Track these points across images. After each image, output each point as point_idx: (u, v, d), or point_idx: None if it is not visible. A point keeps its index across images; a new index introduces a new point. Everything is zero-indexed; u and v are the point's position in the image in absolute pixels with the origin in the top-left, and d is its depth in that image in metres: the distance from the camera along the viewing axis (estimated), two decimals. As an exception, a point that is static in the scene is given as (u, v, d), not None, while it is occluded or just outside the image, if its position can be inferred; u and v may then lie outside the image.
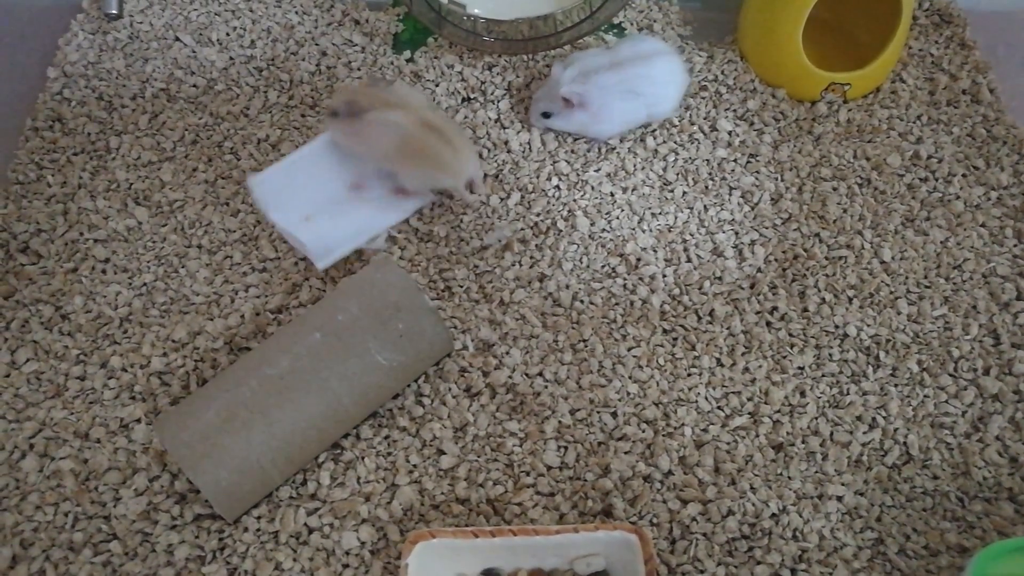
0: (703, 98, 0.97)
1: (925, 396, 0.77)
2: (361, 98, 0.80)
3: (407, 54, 1.00)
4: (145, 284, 0.83)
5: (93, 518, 0.69)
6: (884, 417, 0.76)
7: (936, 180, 0.92)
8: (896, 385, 0.78)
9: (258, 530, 0.69)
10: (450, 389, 0.76)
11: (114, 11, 0.92)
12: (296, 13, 1.04)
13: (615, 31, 1.02)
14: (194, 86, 0.98)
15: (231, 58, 1.00)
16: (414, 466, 0.72)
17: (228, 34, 1.02)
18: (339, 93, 0.83)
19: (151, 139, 0.93)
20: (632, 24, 1.04)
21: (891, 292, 0.84)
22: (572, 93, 0.86)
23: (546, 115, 0.89)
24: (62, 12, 1.04)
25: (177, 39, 1.01)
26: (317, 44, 1.01)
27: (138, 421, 0.74)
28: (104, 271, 0.84)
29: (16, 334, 0.79)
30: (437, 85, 0.97)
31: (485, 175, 0.90)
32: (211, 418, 0.67)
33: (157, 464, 0.72)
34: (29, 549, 0.68)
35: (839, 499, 0.72)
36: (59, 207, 0.87)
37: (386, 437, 0.74)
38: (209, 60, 1.00)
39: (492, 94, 0.96)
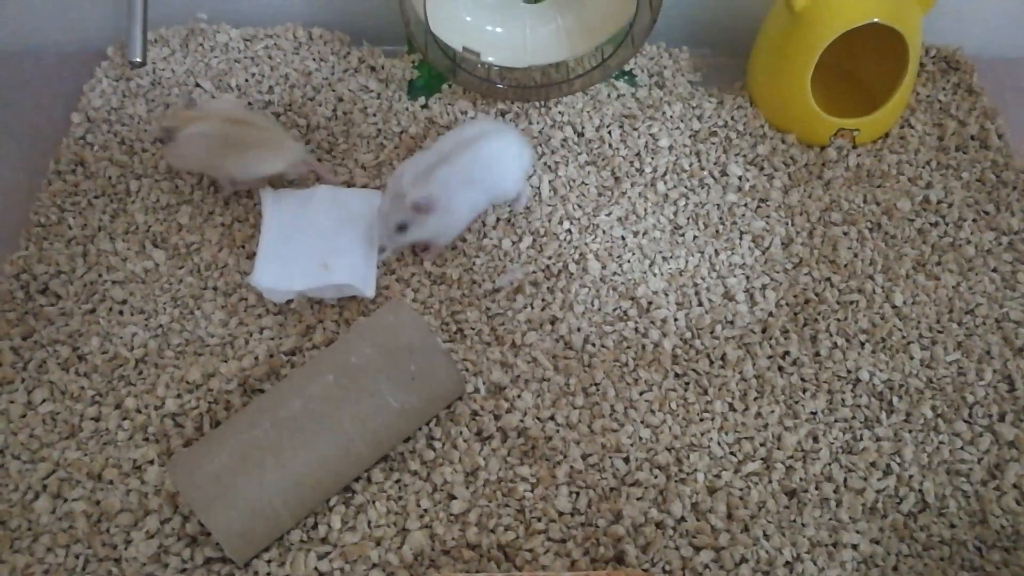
0: (713, 143, 0.98)
1: (940, 442, 0.77)
2: (172, 122, 0.88)
3: (422, 100, 1.02)
4: (161, 325, 0.84)
5: (104, 560, 0.70)
6: (899, 463, 0.75)
7: (947, 225, 0.92)
8: (910, 431, 0.77)
9: (268, 574, 0.69)
10: (461, 432, 0.76)
11: (138, 59, 0.94)
12: (313, 60, 1.06)
13: (626, 78, 1.04)
14: (213, 131, 1.00)
15: (249, 103, 1.02)
16: (425, 510, 0.72)
17: (247, 80, 1.05)
18: (156, 123, 0.91)
19: (169, 183, 0.95)
20: (643, 71, 1.06)
21: (903, 337, 0.83)
22: (422, 198, 0.81)
23: (402, 227, 0.82)
24: (87, 59, 1.07)
25: (197, 85, 1.04)
26: (334, 90, 1.03)
27: (151, 462, 0.75)
28: (121, 312, 0.85)
29: (34, 374, 0.80)
30: (450, 130, 0.99)
31: (498, 219, 0.91)
32: (224, 460, 0.68)
33: (169, 506, 0.72)
34: (40, 591, 0.68)
35: (854, 547, 0.71)
36: (79, 249, 0.89)
37: (397, 481, 0.74)
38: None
39: (505, 139, 0.98)
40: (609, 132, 0.98)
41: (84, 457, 0.75)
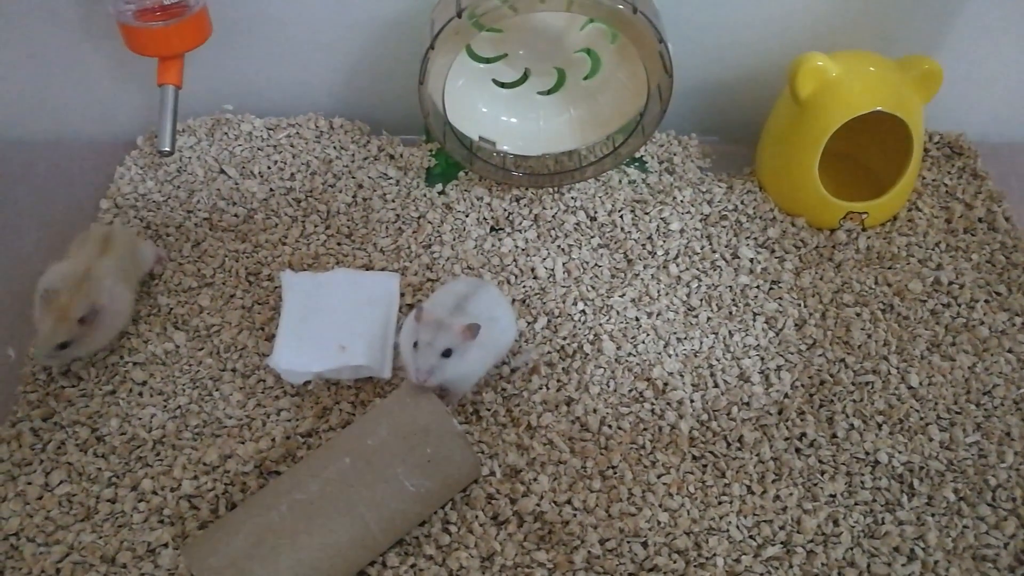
0: (723, 227, 1.00)
1: (964, 526, 0.75)
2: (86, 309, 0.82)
3: (439, 187, 1.05)
4: (179, 407, 0.85)
5: (115, 648, 0.68)
6: (923, 548, 0.74)
7: (959, 306, 0.93)
8: (933, 514, 0.76)
9: (280, 663, 0.67)
10: (477, 516, 0.76)
11: (167, 148, 0.98)
12: (334, 148, 1.10)
13: (637, 164, 1.07)
14: (235, 215, 1.03)
15: (271, 189, 1.06)
16: (440, 596, 0.71)
17: (269, 167, 1.08)
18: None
19: (193, 266, 0.97)
20: (653, 157, 1.09)
21: (921, 418, 0.83)
22: (470, 323, 0.75)
23: (447, 354, 0.75)
24: (117, 148, 1.11)
25: (222, 171, 1.07)
26: (354, 177, 1.06)
27: (165, 545, 0.74)
28: (141, 393, 0.86)
29: (52, 455, 0.81)
30: (467, 216, 1.01)
31: (513, 299, 0.92)
32: (240, 543, 0.67)
33: (182, 591, 0.71)
34: None
35: (881, 637, 0.69)
36: (102, 331, 0.91)
37: (412, 566, 0.73)
38: (251, 191, 1.05)
39: (519, 224, 1.00)
40: (621, 216, 1.01)
41: (99, 540, 0.75)
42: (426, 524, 0.75)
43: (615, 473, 0.79)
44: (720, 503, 0.77)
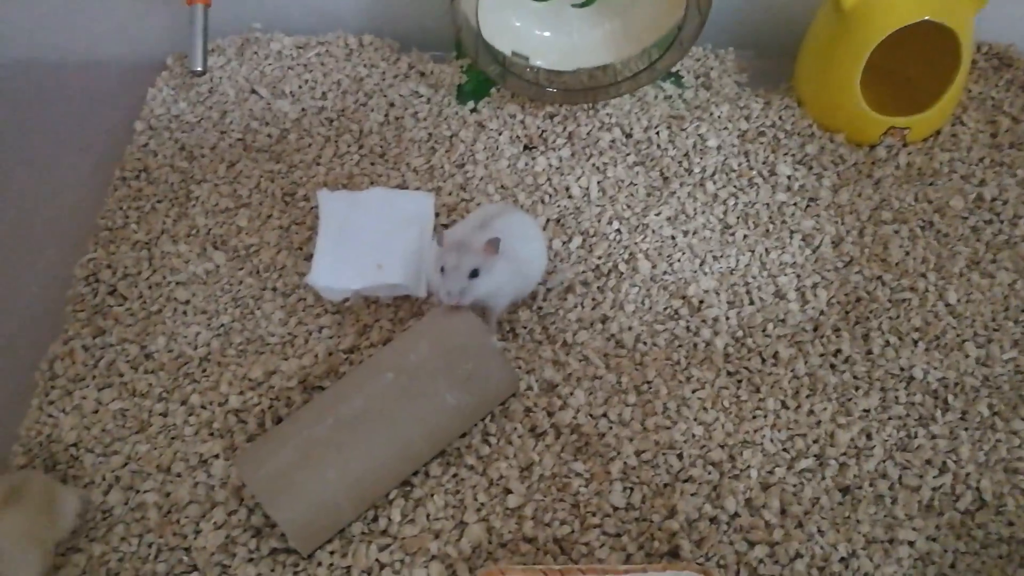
0: (761, 143, 0.98)
1: (997, 440, 0.76)
2: None
3: (471, 104, 1.04)
4: (223, 325, 0.87)
5: (175, 550, 0.72)
6: (955, 461, 0.75)
7: (1001, 222, 0.91)
8: (967, 429, 0.77)
9: (331, 564, 0.71)
10: (515, 429, 0.78)
11: (199, 68, 0.97)
12: (364, 66, 1.09)
13: (672, 80, 1.05)
14: (268, 136, 1.03)
15: (303, 109, 1.05)
16: (482, 504, 0.73)
17: (300, 86, 1.07)
18: None
19: (228, 187, 0.98)
20: (689, 72, 1.07)
21: (958, 335, 0.83)
22: (491, 238, 0.76)
23: (475, 273, 0.75)
24: (148, 70, 1.11)
25: (253, 91, 1.07)
26: (385, 95, 1.05)
27: (216, 457, 0.77)
28: (185, 312, 0.88)
29: (103, 372, 0.84)
30: (500, 134, 1.01)
31: (547, 220, 0.92)
32: (288, 455, 0.70)
33: (235, 499, 0.75)
34: (115, 579, 0.71)
35: (911, 544, 0.71)
36: (144, 252, 0.92)
37: (454, 475, 0.75)
38: (283, 111, 1.05)
39: (553, 142, 0.99)
40: (657, 133, 0.99)
41: (153, 451, 0.78)
42: (466, 436, 0.77)
43: (650, 388, 0.80)
44: (754, 417, 0.78)
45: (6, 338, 0.87)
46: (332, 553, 0.71)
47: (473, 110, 1.04)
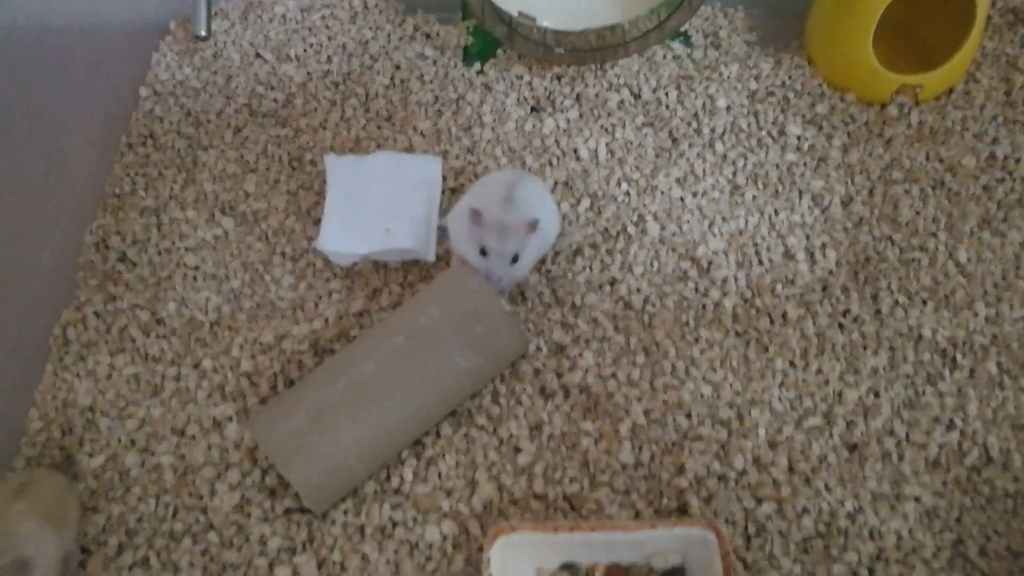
0: (771, 103, 0.98)
1: (1005, 398, 0.77)
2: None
3: (477, 66, 1.03)
4: (233, 290, 0.87)
5: (191, 510, 0.74)
6: (962, 419, 0.76)
7: (1013, 181, 0.91)
8: (974, 387, 0.77)
9: (345, 523, 0.72)
10: (525, 389, 0.78)
11: (203, 33, 0.97)
12: (370, 29, 1.08)
13: (681, 39, 1.04)
14: (274, 100, 1.02)
15: (308, 73, 1.04)
16: (492, 463, 0.74)
17: (305, 50, 1.07)
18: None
19: (235, 152, 0.98)
20: (698, 31, 1.06)
21: (967, 294, 0.83)
22: (531, 218, 0.76)
23: (516, 259, 0.77)
24: (151, 34, 1.10)
25: (258, 55, 1.06)
26: (390, 58, 1.05)
27: (229, 419, 0.78)
28: (195, 278, 0.88)
29: (116, 338, 0.84)
30: (507, 96, 1.00)
31: (556, 182, 0.92)
32: (301, 418, 0.71)
33: (248, 460, 0.76)
34: (134, 538, 0.72)
35: (917, 500, 0.72)
36: (152, 219, 0.93)
37: (465, 435, 0.76)
38: (288, 76, 1.04)
39: (561, 104, 0.99)
40: (666, 93, 0.98)
41: (167, 414, 0.79)
42: (477, 397, 0.78)
43: (659, 349, 0.80)
44: (763, 377, 0.79)
45: (21, 305, 0.88)
46: (346, 512, 0.73)
47: (479, 72, 1.03)
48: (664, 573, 0.66)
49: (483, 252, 0.77)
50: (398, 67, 1.04)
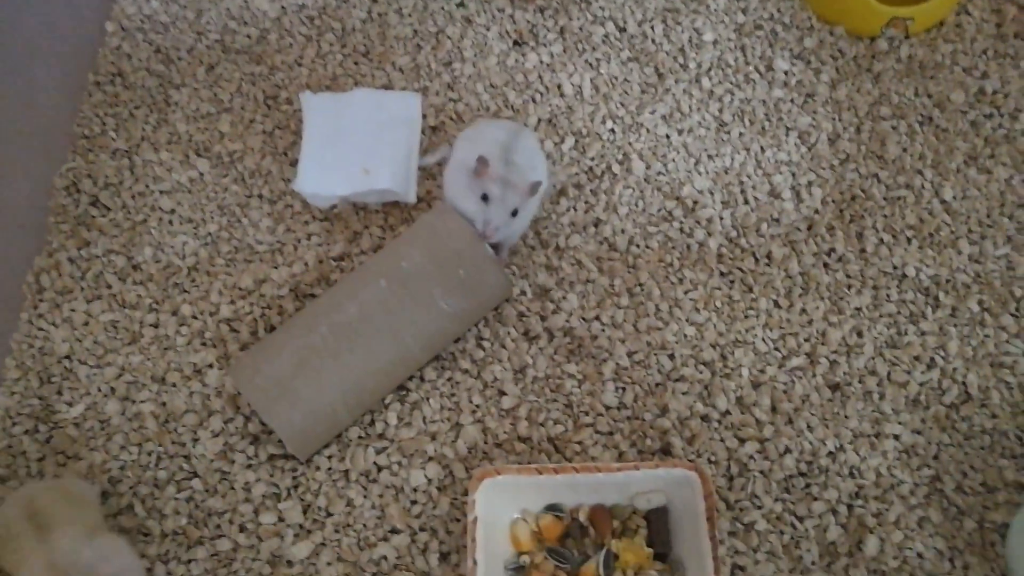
0: (758, 37, 0.95)
1: (985, 336, 0.77)
2: None
3: (457, -1, 0.99)
4: (210, 234, 0.85)
5: (175, 457, 0.73)
6: (943, 357, 0.76)
7: (1001, 116, 0.89)
8: (956, 325, 0.78)
9: (330, 469, 0.72)
10: (509, 333, 0.78)
11: (168, -37, 0.92)
12: (344, -41, 1.04)
13: (667, -31, 1.00)
14: (248, 36, 0.99)
15: (283, 7, 1.00)
16: (477, 406, 0.74)
17: (278, -17, 1.02)
18: None
19: (208, 91, 0.94)
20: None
21: (952, 232, 0.83)
22: (535, 182, 0.75)
23: (515, 213, 0.75)
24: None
25: (229, -11, 1.02)
26: (367, -10, 1.01)
27: (210, 366, 0.78)
28: (171, 222, 0.86)
29: (91, 284, 0.83)
30: (488, 29, 0.97)
31: (539, 120, 0.90)
32: (283, 363, 0.70)
33: (231, 407, 0.75)
34: (117, 486, 0.72)
35: (896, 438, 0.73)
36: (125, 161, 0.90)
37: (449, 379, 0.76)
38: (261, 10, 1.00)
39: (544, 37, 0.96)
40: (652, 27, 0.96)
41: (147, 362, 0.78)
42: (461, 341, 0.78)
43: (643, 290, 0.80)
44: (747, 317, 0.78)
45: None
46: (330, 458, 0.73)
47: (460, 4, 0.99)
48: (648, 513, 0.67)
49: (484, 198, 0.74)
50: (375, 0, 1.00)
